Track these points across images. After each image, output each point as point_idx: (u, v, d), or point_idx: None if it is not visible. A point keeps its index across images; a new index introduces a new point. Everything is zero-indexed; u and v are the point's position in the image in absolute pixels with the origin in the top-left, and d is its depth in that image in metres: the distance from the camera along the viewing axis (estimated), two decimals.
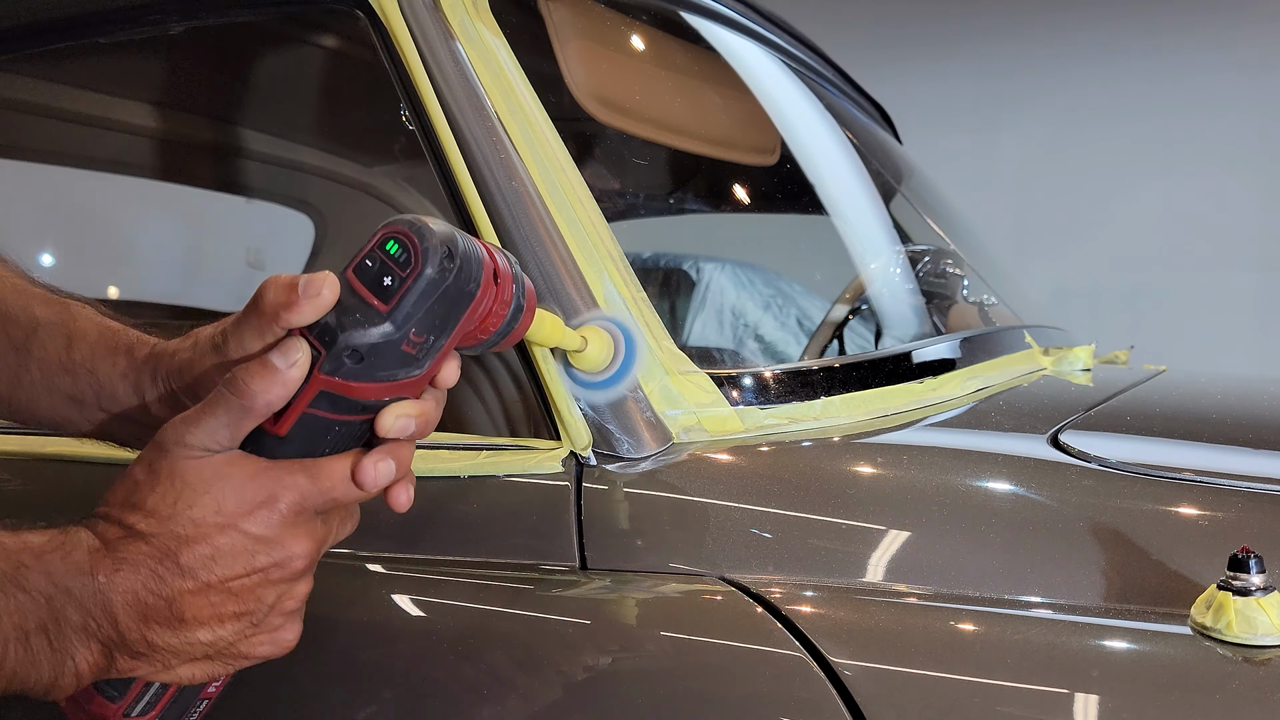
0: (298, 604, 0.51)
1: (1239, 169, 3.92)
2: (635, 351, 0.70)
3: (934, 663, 0.53)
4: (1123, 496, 0.64)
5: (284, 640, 0.51)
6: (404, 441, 0.51)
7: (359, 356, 0.47)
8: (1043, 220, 4.17)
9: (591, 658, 0.59)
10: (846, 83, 1.46)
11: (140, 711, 0.49)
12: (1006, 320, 1.23)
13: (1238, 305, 3.91)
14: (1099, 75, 4.12)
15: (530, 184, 0.72)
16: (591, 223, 0.73)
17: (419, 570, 0.66)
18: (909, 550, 0.62)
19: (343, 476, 0.49)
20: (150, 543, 0.46)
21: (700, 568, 0.63)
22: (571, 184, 0.74)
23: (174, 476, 0.47)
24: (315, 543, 0.50)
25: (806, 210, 1.23)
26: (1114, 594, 0.58)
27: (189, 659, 0.48)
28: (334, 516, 0.52)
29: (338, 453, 0.50)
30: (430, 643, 0.62)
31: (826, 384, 0.78)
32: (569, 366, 0.69)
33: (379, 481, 0.50)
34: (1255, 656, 0.51)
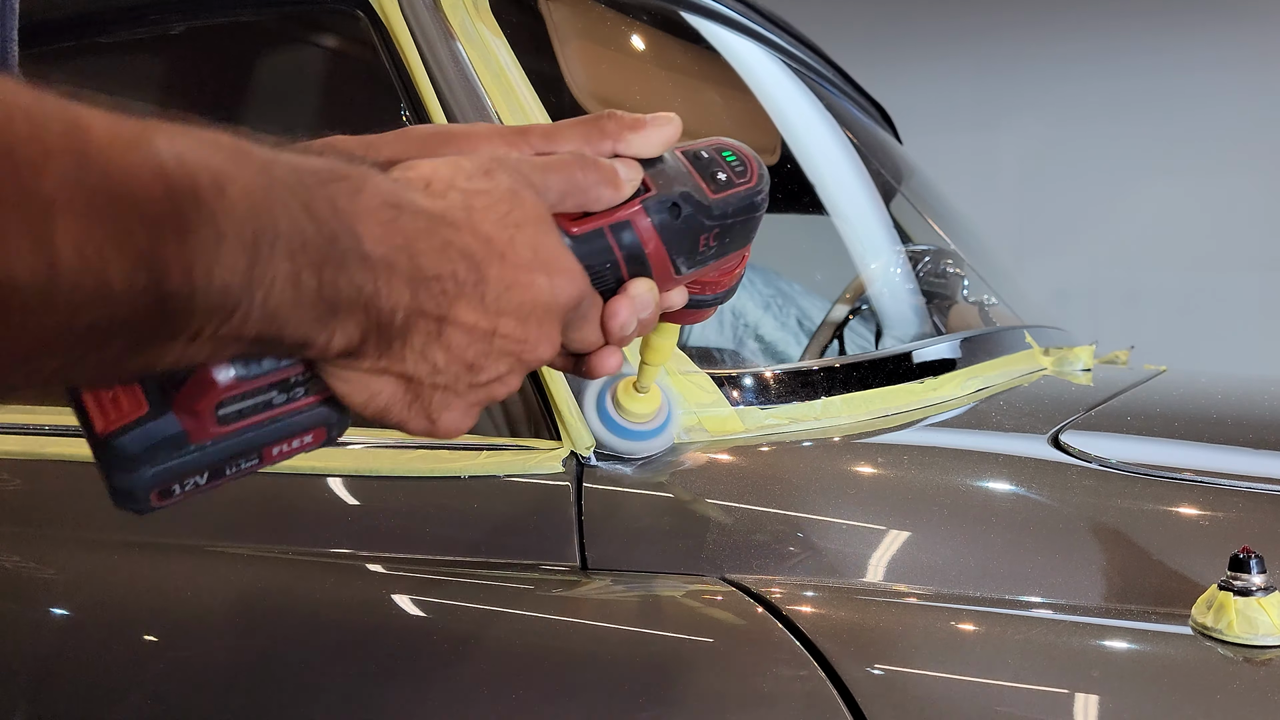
0: (489, 397, 0.43)
1: (1239, 169, 3.92)
2: (675, 407, 0.69)
3: (934, 663, 0.53)
4: (1123, 496, 0.64)
5: (451, 419, 0.42)
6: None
7: (676, 213, 0.47)
8: (1043, 220, 4.16)
9: (591, 658, 0.59)
10: (846, 83, 1.46)
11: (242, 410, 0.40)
12: (1006, 320, 1.23)
13: (1238, 305, 3.91)
14: (1099, 75, 4.12)
15: None
16: None
17: (419, 570, 0.66)
18: (909, 550, 0.62)
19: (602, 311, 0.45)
20: (461, 236, 0.39)
21: (700, 568, 0.63)
22: None
23: (513, 195, 0.40)
24: (552, 352, 0.44)
25: (806, 210, 1.23)
26: (1114, 594, 0.58)
27: (395, 375, 0.40)
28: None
29: None
30: (430, 643, 0.62)
31: (827, 384, 0.78)
32: (617, 410, 0.66)
33: (626, 328, 0.46)
34: (1256, 657, 0.51)
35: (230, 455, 0.40)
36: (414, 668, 0.62)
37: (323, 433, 0.43)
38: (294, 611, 0.67)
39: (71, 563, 0.74)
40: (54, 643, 0.70)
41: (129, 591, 0.71)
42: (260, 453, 0.42)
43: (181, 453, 0.39)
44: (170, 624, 0.68)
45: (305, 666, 0.64)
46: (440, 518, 0.69)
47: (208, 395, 0.38)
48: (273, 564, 0.69)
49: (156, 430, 0.38)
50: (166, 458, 0.39)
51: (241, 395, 0.39)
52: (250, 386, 0.39)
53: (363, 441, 0.74)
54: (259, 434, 0.41)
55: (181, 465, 0.39)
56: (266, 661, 0.66)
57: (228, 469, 0.41)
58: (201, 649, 0.67)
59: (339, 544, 0.69)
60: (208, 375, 0.38)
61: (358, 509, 0.71)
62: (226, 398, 0.39)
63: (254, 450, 0.41)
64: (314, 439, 0.43)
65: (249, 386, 0.39)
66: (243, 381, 0.39)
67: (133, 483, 0.39)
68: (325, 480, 0.72)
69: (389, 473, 0.71)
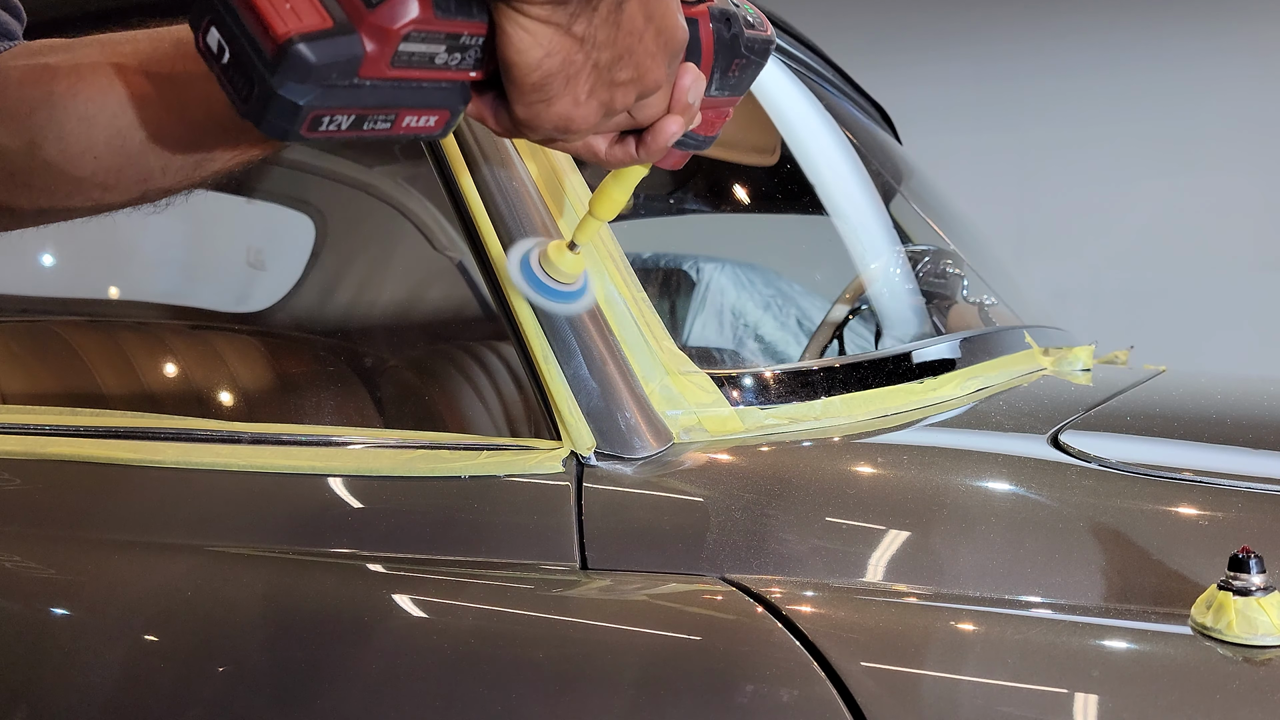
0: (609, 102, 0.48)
1: (1239, 169, 3.91)
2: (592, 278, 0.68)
3: (934, 663, 0.54)
4: (1123, 496, 0.64)
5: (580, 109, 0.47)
6: None
7: (727, 28, 0.54)
8: (1043, 220, 4.17)
9: (591, 658, 0.59)
10: (846, 83, 1.46)
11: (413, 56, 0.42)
12: (1006, 320, 1.23)
13: (1238, 305, 3.91)
14: (1099, 75, 4.12)
15: (530, 184, 0.72)
16: (570, 183, 0.73)
17: (419, 570, 0.66)
18: (909, 550, 0.62)
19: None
20: None
21: (700, 568, 0.63)
22: (571, 184, 0.74)
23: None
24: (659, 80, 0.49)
25: (806, 210, 1.23)
26: (1114, 594, 0.58)
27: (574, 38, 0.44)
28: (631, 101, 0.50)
29: None
30: (430, 643, 0.62)
31: (827, 384, 0.78)
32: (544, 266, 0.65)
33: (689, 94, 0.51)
34: (1255, 656, 0.51)
35: (378, 105, 0.42)
36: (414, 668, 0.62)
37: (446, 116, 0.45)
38: (294, 611, 0.67)
39: (71, 563, 0.74)
40: (54, 643, 0.70)
41: (129, 591, 0.71)
42: (396, 115, 0.43)
43: (349, 81, 0.40)
44: (170, 624, 0.68)
45: (305, 666, 0.64)
46: (440, 518, 0.69)
47: (399, 21, 0.39)
48: (273, 564, 0.69)
49: (340, 46, 0.39)
50: (336, 79, 0.39)
51: (424, 35, 0.41)
52: (436, 27, 0.41)
53: (363, 441, 0.74)
54: (408, 92, 0.42)
55: (343, 96, 0.40)
56: (267, 661, 0.66)
57: (366, 122, 0.42)
58: (202, 649, 0.67)
59: (339, 544, 0.69)
60: (403, 3, 0.39)
61: (358, 509, 0.71)
62: (412, 31, 0.40)
63: (394, 110, 0.43)
64: (438, 122, 0.45)
65: (435, 27, 0.41)
66: (432, 20, 0.40)
67: (301, 95, 0.39)
68: (325, 480, 0.72)
69: (389, 473, 0.71)
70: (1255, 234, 3.90)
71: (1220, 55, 3.96)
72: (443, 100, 0.45)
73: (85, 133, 0.50)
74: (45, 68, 0.50)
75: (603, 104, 0.47)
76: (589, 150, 0.54)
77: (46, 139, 0.49)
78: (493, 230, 0.71)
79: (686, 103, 0.52)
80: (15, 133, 0.50)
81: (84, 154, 0.50)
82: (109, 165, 0.51)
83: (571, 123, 0.47)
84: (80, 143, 0.50)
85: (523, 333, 0.70)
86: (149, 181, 0.52)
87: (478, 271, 0.87)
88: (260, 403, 1.36)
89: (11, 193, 0.52)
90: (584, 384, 0.69)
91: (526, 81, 0.44)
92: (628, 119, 0.51)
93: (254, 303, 1.83)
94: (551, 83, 0.45)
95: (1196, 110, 3.97)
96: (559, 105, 0.46)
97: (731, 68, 0.56)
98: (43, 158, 0.50)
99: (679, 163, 0.61)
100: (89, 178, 0.51)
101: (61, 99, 0.49)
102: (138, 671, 0.68)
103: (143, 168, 0.51)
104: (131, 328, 1.44)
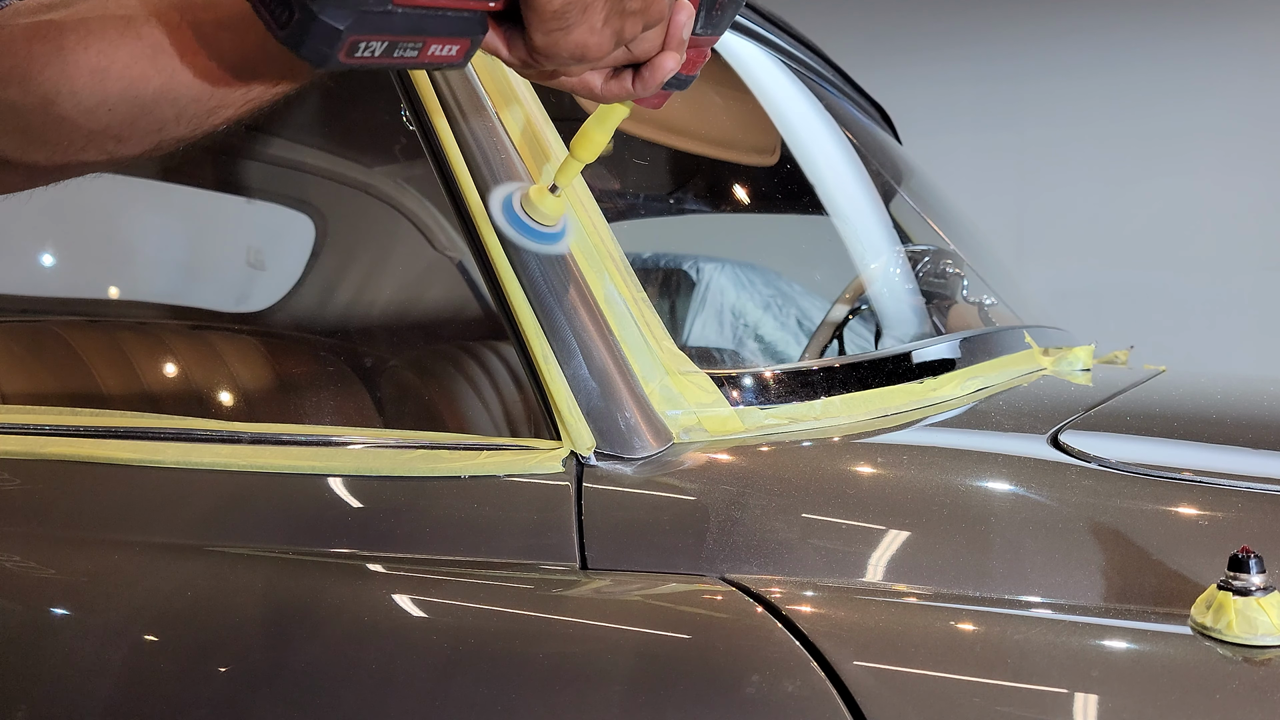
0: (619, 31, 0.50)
1: (1239, 169, 3.92)
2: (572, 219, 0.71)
3: (934, 663, 0.54)
4: (1123, 496, 0.64)
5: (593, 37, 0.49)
6: None
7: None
8: (1043, 220, 4.17)
9: (591, 658, 0.59)
10: (846, 83, 1.46)
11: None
12: (1006, 320, 1.23)
13: (1238, 305, 3.91)
14: (1099, 75, 4.12)
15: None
16: (592, 223, 0.73)
17: (419, 570, 0.66)
18: (909, 550, 0.62)
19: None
20: None
21: (700, 568, 0.63)
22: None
23: None
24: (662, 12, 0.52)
25: (806, 210, 1.23)
26: (1114, 594, 0.58)
27: None
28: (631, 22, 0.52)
29: None
30: (430, 643, 0.62)
31: (826, 384, 0.78)
32: (526, 209, 0.68)
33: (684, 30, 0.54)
34: (1255, 656, 0.51)
35: (407, 31, 0.45)
36: (414, 668, 0.62)
37: (466, 45, 0.48)
38: (294, 611, 0.67)
39: (71, 563, 0.74)
40: (54, 643, 0.70)
41: (129, 592, 0.71)
42: (423, 43, 0.46)
43: (383, 7, 0.43)
44: (170, 624, 0.68)
45: (305, 666, 0.64)
46: (440, 518, 0.69)
47: None
48: (273, 564, 0.69)
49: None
50: (372, 4, 0.42)
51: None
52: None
53: (363, 441, 0.74)
54: (434, 20, 0.46)
55: (376, 22, 0.43)
56: (267, 661, 0.66)
57: (396, 49, 0.45)
58: (202, 649, 0.67)
59: (339, 544, 0.69)
60: None
61: (358, 509, 0.71)
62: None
63: (420, 37, 0.46)
64: (459, 51, 0.48)
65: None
66: None
67: (340, 19, 0.42)
68: (325, 480, 0.72)
69: (389, 473, 0.71)
70: (1256, 234, 3.90)
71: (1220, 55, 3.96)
72: (464, 29, 0.48)
73: (98, 86, 0.50)
74: (51, 24, 0.51)
75: (615, 32, 0.50)
76: (585, 86, 0.56)
77: (59, 94, 0.50)
78: (493, 230, 0.71)
79: (681, 38, 0.54)
80: (27, 90, 0.50)
81: (98, 107, 0.50)
82: (123, 117, 0.51)
83: (587, 50, 0.49)
84: (93, 96, 0.50)
85: (523, 333, 0.70)
86: (163, 131, 0.52)
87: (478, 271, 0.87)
88: (260, 403, 1.36)
89: (26, 149, 0.52)
90: (584, 384, 0.69)
91: (548, 9, 0.47)
92: (626, 53, 0.53)
93: (254, 303, 1.83)
94: (570, 10, 0.47)
95: (1196, 110, 3.97)
96: (576, 33, 0.48)
97: (715, 6, 0.58)
98: (56, 113, 0.50)
99: (660, 102, 0.62)
100: (103, 130, 0.51)
101: (72, 53, 0.50)
102: (138, 671, 0.67)
103: (156, 117, 0.52)
104: (131, 328, 1.44)
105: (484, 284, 0.75)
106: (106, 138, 0.52)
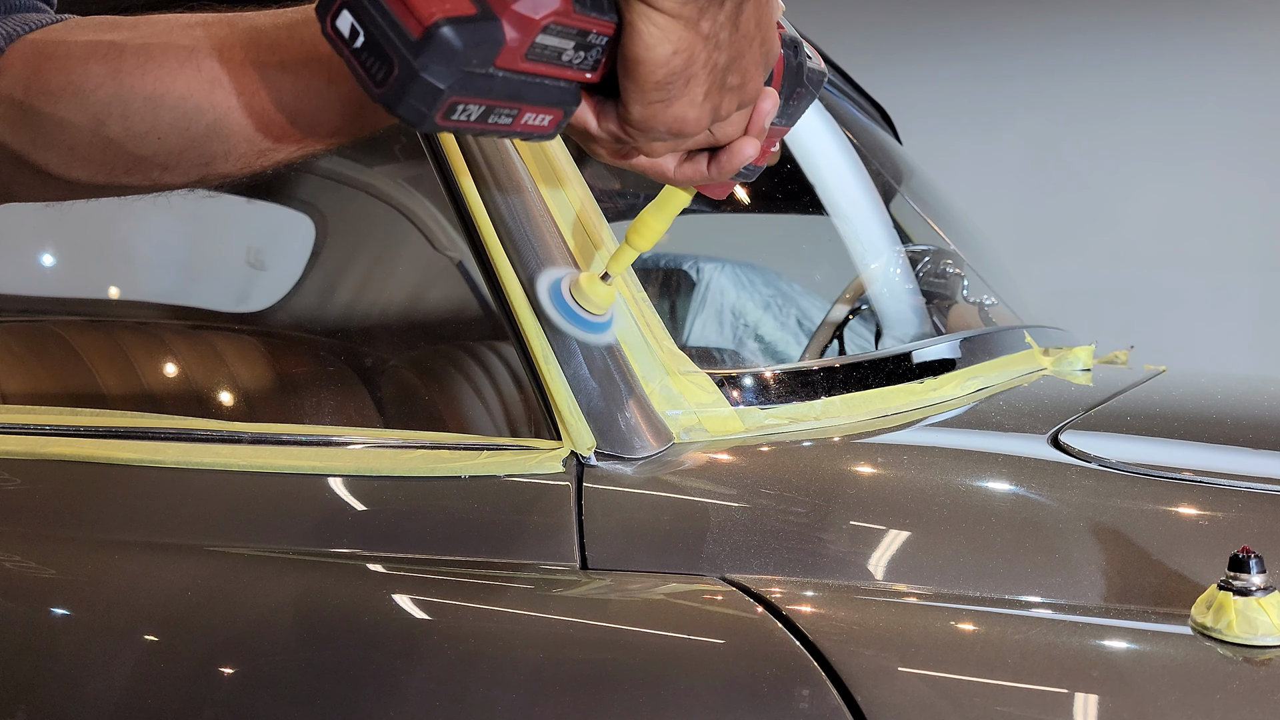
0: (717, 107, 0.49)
1: (1239, 169, 3.92)
2: (621, 311, 0.70)
3: (934, 663, 0.54)
4: (1123, 496, 0.64)
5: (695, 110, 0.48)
6: None
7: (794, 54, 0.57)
8: (1043, 220, 4.17)
9: (591, 658, 0.59)
10: (846, 83, 1.46)
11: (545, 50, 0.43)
12: (1006, 320, 1.23)
13: (1238, 305, 3.91)
14: (1099, 75, 4.12)
15: (530, 184, 0.72)
16: (592, 223, 0.73)
17: (419, 570, 0.66)
18: (909, 550, 0.62)
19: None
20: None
21: (700, 568, 0.63)
22: (572, 184, 0.74)
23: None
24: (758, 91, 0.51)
25: (806, 210, 1.23)
26: (1114, 594, 0.58)
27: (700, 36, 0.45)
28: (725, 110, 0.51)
29: None
30: (430, 642, 0.62)
31: (827, 384, 0.78)
32: (576, 296, 0.66)
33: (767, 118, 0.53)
34: (1255, 656, 0.51)
35: (505, 97, 0.43)
36: (414, 668, 0.62)
37: (559, 116, 0.47)
38: (294, 612, 0.67)
39: (71, 563, 0.74)
40: (54, 643, 0.70)
41: (129, 591, 0.71)
42: (519, 110, 0.44)
43: (486, 69, 0.41)
44: (170, 624, 0.68)
45: (305, 666, 0.64)
46: (440, 518, 0.69)
47: (542, 11, 0.41)
48: (273, 564, 0.69)
49: (483, 32, 0.40)
50: (476, 65, 0.40)
51: (560, 29, 0.42)
52: (571, 22, 0.42)
53: (363, 441, 0.74)
54: (533, 87, 0.44)
55: (478, 84, 0.41)
56: (267, 661, 0.66)
57: (492, 115, 0.43)
58: (202, 649, 0.67)
59: (339, 544, 0.69)
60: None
61: (358, 509, 0.71)
62: (551, 23, 0.41)
63: (517, 104, 0.44)
64: (551, 121, 0.47)
65: (571, 21, 0.42)
66: (571, 14, 0.42)
67: (443, 78, 0.40)
68: (325, 480, 0.72)
69: (389, 473, 0.71)
70: (1255, 234, 3.90)
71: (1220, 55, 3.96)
72: (560, 99, 0.46)
73: (150, 113, 0.49)
74: (112, 45, 0.50)
75: (714, 108, 0.48)
76: (658, 168, 0.54)
77: (111, 116, 0.49)
78: (493, 230, 0.71)
79: (762, 126, 0.52)
80: (79, 108, 0.49)
81: (148, 134, 0.50)
82: (172, 147, 0.50)
83: (685, 125, 0.47)
84: (145, 122, 0.49)
85: (523, 333, 0.70)
86: (210, 166, 0.52)
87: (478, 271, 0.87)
88: (260, 403, 1.36)
89: (70, 167, 0.51)
90: (584, 384, 0.69)
91: (651, 79, 0.45)
92: (709, 136, 0.51)
93: (254, 303, 1.83)
94: (674, 82, 0.45)
95: (1196, 110, 3.97)
96: (677, 106, 0.46)
97: (793, 96, 0.57)
98: (105, 135, 0.50)
99: (726, 192, 0.60)
100: (150, 157, 0.51)
101: (129, 77, 0.49)
102: (138, 672, 0.68)
103: (205, 151, 0.51)
104: (131, 328, 1.44)
105: (484, 284, 0.75)
106: (152, 165, 0.51)
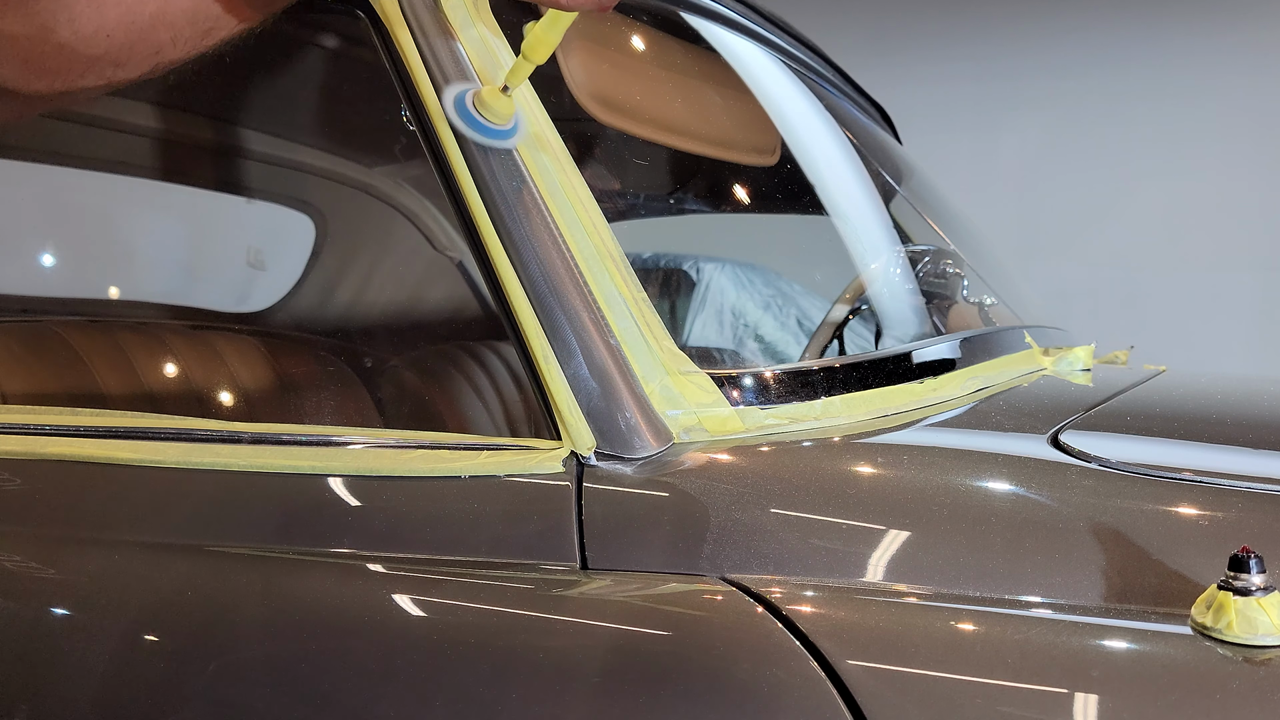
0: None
1: (1239, 169, 3.92)
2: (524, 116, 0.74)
3: (934, 663, 0.54)
4: (1123, 496, 0.64)
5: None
6: None
7: None
8: (1043, 220, 4.17)
9: (591, 658, 0.59)
10: (846, 83, 1.46)
11: None
12: (1006, 320, 1.23)
13: (1238, 305, 3.91)
14: (1099, 75, 4.12)
15: (531, 184, 0.72)
16: (592, 222, 0.73)
17: (419, 570, 0.66)
18: (909, 550, 0.62)
19: None
20: None
21: (700, 568, 0.63)
22: (572, 184, 0.74)
23: None
24: None
25: (806, 210, 1.23)
26: (1114, 594, 0.58)
27: None
28: None
29: None
30: (430, 643, 0.62)
31: (827, 384, 0.78)
32: (479, 108, 0.72)
33: None
34: (1255, 656, 0.51)
35: None
36: (414, 668, 0.62)
37: None
38: (294, 611, 0.67)
39: (71, 563, 0.74)
40: (54, 643, 0.70)
41: (129, 591, 0.71)
42: None
43: None
44: (170, 624, 0.68)
45: (305, 666, 0.64)
46: (440, 518, 0.69)
47: None
48: (273, 564, 0.69)
49: None
50: None
51: None
52: None
53: (363, 441, 0.74)
54: None
55: None
56: (267, 661, 0.66)
57: None
58: (202, 649, 0.67)
59: (339, 544, 0.69)
60: None
61: (358, 509, 0.71)
62: None
63: None
64: None
65: None
66: None
67: None
68: (325, 480, 0.72)
69: (389, 473, 0.71)
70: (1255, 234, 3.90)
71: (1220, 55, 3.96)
72: None
73: (96, 12, 0.51)
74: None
75: None
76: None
77: (58, 22, 0.51)
78: (493, 231, 0.71)
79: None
80: (25, 18, 0.51)
81: (96, 33, 0.52)
82: (121, 42, 0.52)
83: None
84: (92, 23, 0.51)
85: (523, 332, 0.70)
86: (160, 55, 0.54)
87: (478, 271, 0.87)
88: (260, 403, 1.36)
89: (27, 78, 0.53)
90: (584, 384, 0.69)
91: None
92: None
93: (254, 303, 1.83)
94: None
95: (1196, 110, 3.97)
96: None
97: None
98: (56, 41, 0.51)
99: (609, 5, 0.65)
100: (102, 56, 0.53)
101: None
102: (138, 671, 0.68)
103: (153, 41, 0.53)
104: (131, 328, 1.44)
105: (484, 284, 0.75)
106: (105, 63, 0.53)
